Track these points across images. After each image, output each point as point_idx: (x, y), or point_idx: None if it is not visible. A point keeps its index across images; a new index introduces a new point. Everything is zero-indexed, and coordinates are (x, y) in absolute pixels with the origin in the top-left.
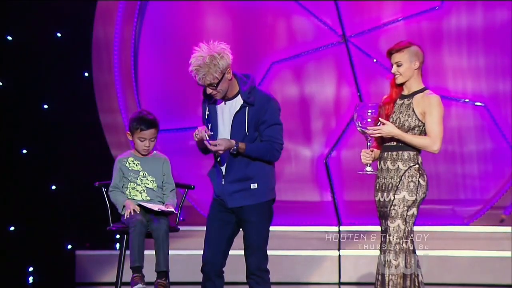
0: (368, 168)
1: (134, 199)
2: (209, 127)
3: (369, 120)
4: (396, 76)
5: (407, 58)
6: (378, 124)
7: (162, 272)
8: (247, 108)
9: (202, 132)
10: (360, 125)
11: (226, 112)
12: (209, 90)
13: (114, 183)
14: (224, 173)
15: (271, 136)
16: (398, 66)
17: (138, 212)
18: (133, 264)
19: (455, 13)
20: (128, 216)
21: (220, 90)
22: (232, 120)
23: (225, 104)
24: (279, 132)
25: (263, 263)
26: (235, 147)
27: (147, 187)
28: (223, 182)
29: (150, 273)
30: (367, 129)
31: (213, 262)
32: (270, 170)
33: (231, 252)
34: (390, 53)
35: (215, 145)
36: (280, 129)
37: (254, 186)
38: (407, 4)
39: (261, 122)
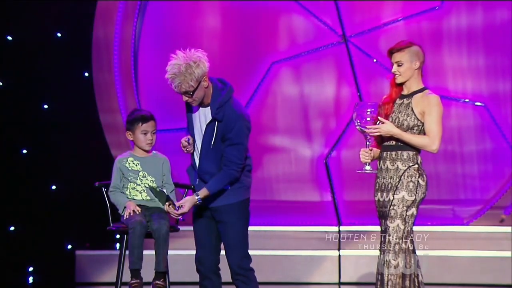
0: (367, 167)
1: (134, 199)
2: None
3: (368, 119)
4: (396, 75)
5: (407, 58)
6: (377, 123)
7: (161, 273)
8: (216, 122)
9: (184, 144)
10: (359, 124)
11: (202, 119)
12: (184, 98)
13: (114, 184)
14: (198, 175)
15: (231, 155)
16: (399, 65)
17: (138, 213)
18: (132, 266)
19: (455, 13)
20: (127, 217)
21: (196, 98)
22: (204, 131)
23: (199, 109)
24: (241, 152)
25: (244, 262)
26: (198, 201)
27: (147, 187)
28: (197, 182)
29: (149, 273)
30: (366, 128)
31: (206, 261)
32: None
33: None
34: (390, 52)
35: (180, 209)
36: (242, 150)
37: (227, 187)
38: (407, 4)
39: (226, 139)
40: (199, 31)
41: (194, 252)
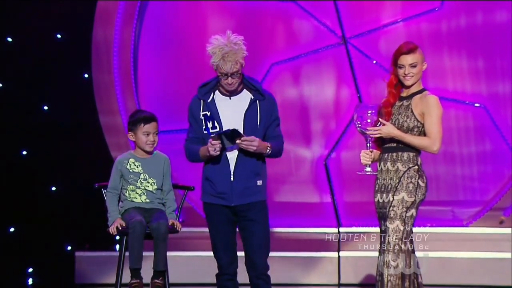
0: (368, 169)
1: (133, 201)
2: (211, 125)
3: (369, 120)
4: (408, 77)
5: (420, 59)
6: (378, 124)
7: (159, 272)
8: (257, 102)
9: (216, 144)
10: (360, 125)
11: (230, 108)
12: (230, 80)
13: (113, 185)
14: (233, 169)
15: (279, 132)
16: (413, 67)
17: (120, 229)
18: (132, 265)
19: (454, 14)
20: (112, 232)
21: (238, 80)
22: (244, 116)
23: (230, 99)
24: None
25: (267, 262)
26: (268, 147)
27: (146, 190)
28: (232, 178)
29: (149, 274)
30: (367, 129)
31: (231, 266)
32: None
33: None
34: (401, 54)
35: (250, 141)
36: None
37: (259, 183)
38: (407, 5)
39: (273, 120)
40: (198, 32)
41: (193, 253)
